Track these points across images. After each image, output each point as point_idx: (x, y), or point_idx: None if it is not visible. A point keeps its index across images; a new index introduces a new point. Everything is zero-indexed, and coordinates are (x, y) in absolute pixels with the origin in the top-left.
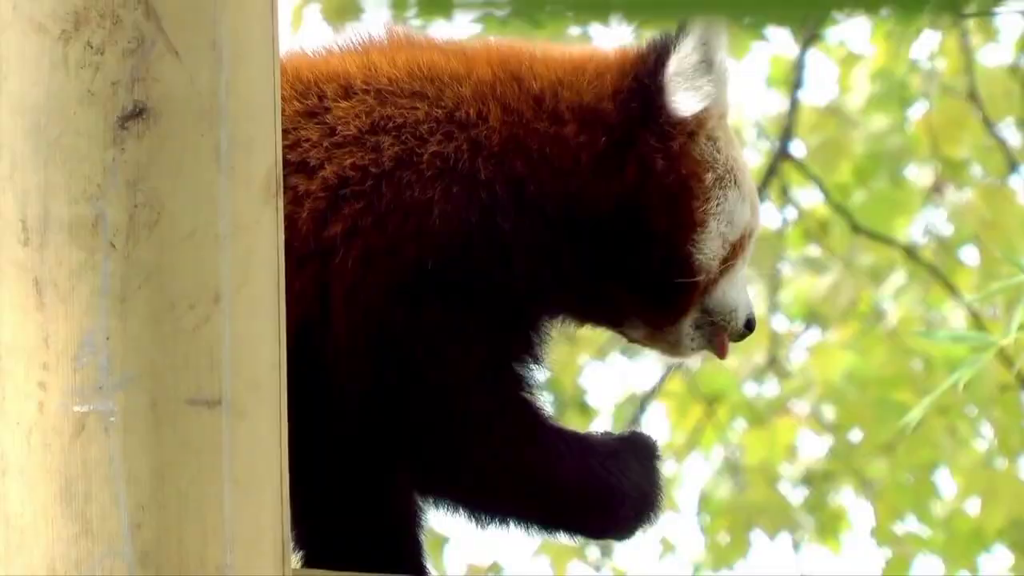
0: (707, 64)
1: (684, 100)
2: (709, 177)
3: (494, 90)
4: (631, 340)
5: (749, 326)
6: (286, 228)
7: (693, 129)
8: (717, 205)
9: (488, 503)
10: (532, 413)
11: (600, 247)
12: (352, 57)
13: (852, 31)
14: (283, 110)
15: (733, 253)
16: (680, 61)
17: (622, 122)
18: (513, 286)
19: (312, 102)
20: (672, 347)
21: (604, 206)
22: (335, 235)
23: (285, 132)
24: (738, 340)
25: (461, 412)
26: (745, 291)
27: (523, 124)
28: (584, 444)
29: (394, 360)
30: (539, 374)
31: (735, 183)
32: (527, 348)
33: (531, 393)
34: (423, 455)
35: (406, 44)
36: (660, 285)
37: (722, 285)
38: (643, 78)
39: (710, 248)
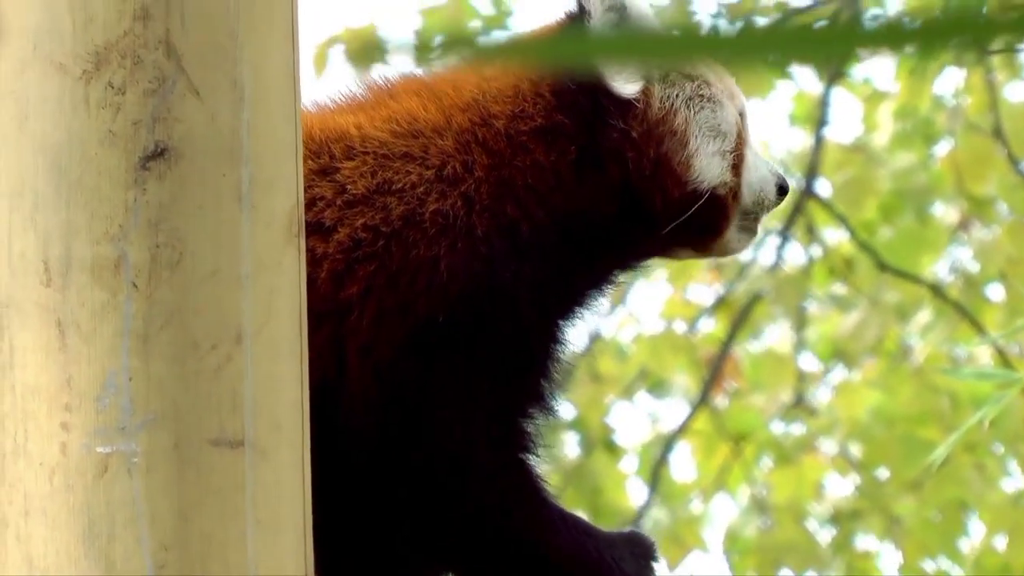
0: (622, 20)
1: (622, 84)
2: (679, 120)
3: (476, 136)
4: (684, 258)
5: (783, 192)
6: (307, 289)
7: (643, 98)
8: (697, 139)
9: (482, 565)
10: (533, 479)
11: (618, 241)
12: (347, 115)
13: (877, 68)
14: None
15: (736, 149)
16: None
17: (579, 125)
18: (523, 333)
19: (324, 161)
20: (727, 252)
21: (606, 208)
22: (351, 295)
23: None
24: (776, 204)
25: (463, 465)
26: (763, 165)
27: (506, 164)
28: (582, 525)
29: (403, 415)
30: (547, 428)
31: (704, 97)
32: (537, 400)
33: (536, 456)
34: (423, 510)
35: (385, 95)
36: (690, 226)
37: (744, 180)
38: (577, 75)
39: (713, 171)
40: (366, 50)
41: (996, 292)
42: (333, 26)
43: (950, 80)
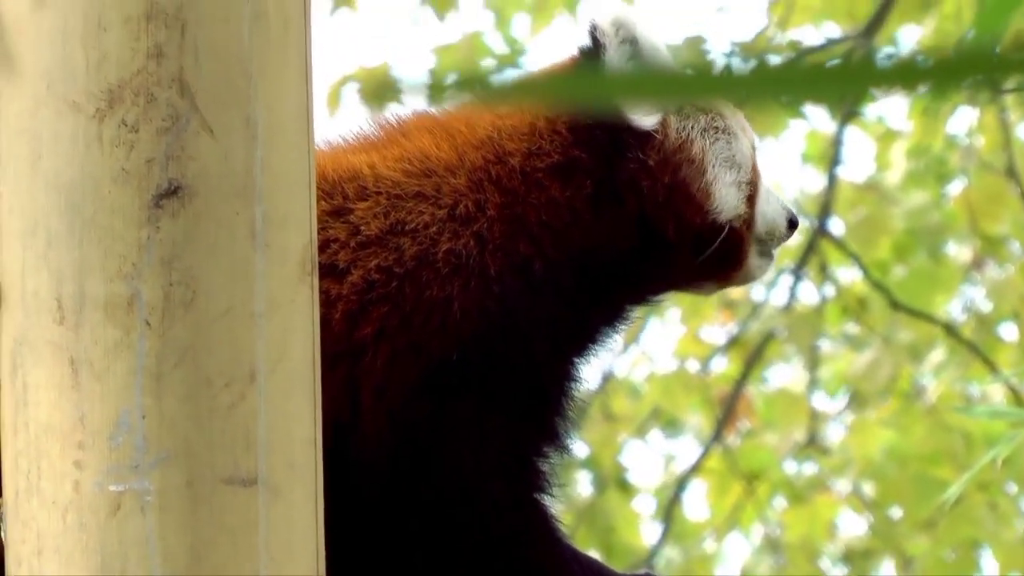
0: (636, 55)
1: (640, 116)
2: (695, 149)
3: (489, 175)
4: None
5: (793, 226)
6: (321, 329)
7: (660, 128)
8: (715, 168)
9: None
10: (546, 518)
11: (633, 274)
12: (359, 155)
13: (890, 107)
14: None
15: (751, 180)
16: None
17: (596, 160)
18: (537, 371)
19: (338, 202)
20: (749, 280)
21: (622, 241)
22: (365, 336)
23: None
24: (789, 239)
25: (477, 503)
26: (774, 200)
27: (520, 201)
28: (595, 565)
29: (417, 453)
30: (561, 466)
31: (719, 129)
32: (552, 438)
33: (550, 495)
34: (434, 542)
35: (397, 133)
36: (712, 259)
37: (758, 211)
38: (593, 112)
39: (731, 202)
40: (380, 89)
41: (1009, 331)
42: (347, 65)
43: (963, 119)
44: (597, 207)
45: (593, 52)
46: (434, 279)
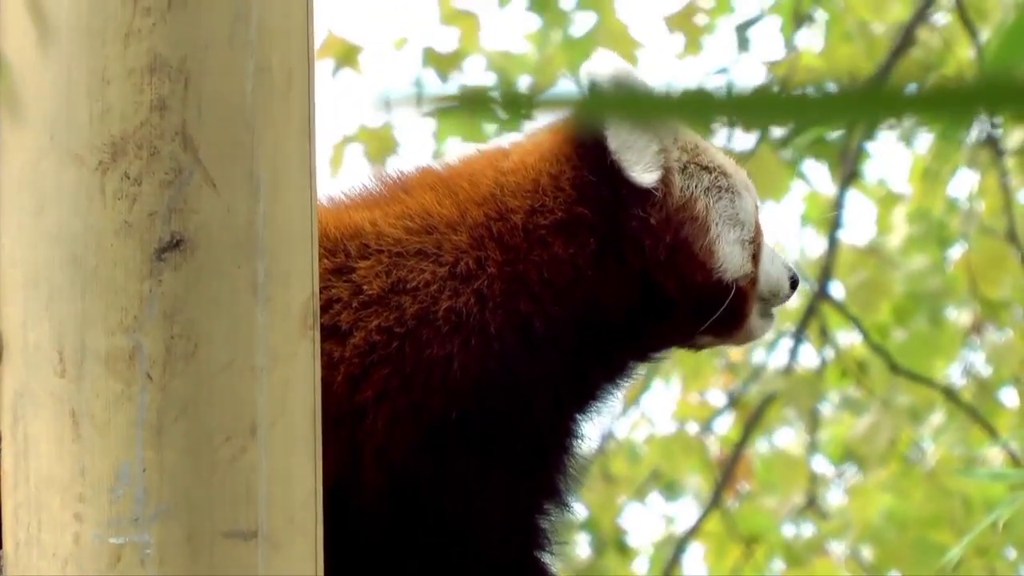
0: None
1: (641, 173)
2: (699, 207)
3: (491, 231)
4: (699, 348)
5: (794, 286)
6: (323, 391)
7: (662, 187)
8: (718, 227)
9: None
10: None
11: (635, 331)
12: (362, 211)
13: (891, 169)
14: None
15: (755, 239)
16: (616, 133)
17: (599, 217)
18: (537, 429)
19: (340, 260)
20: (749, 339)
21: (625, 299)
22: (366, 398)
23: None
24: (790, 298)
25: (477, 559)
26: (777, 259)
27: (522, 259)
28: None
29: (418, 510)
30: (562, 524)
31: (722, 188)
32: (552, 495)
33: (550, 553)
34: None
35: (398, 189)
36: (712, 316)
37: (761, 270)
38: (597, 168)
39: (735, 261)
40: (383, 145)
41: (1009, 396)
42: (349, 126)
43: (964, 183)
44: (600, 264)
45: (596, 127)
46: (434, 337)
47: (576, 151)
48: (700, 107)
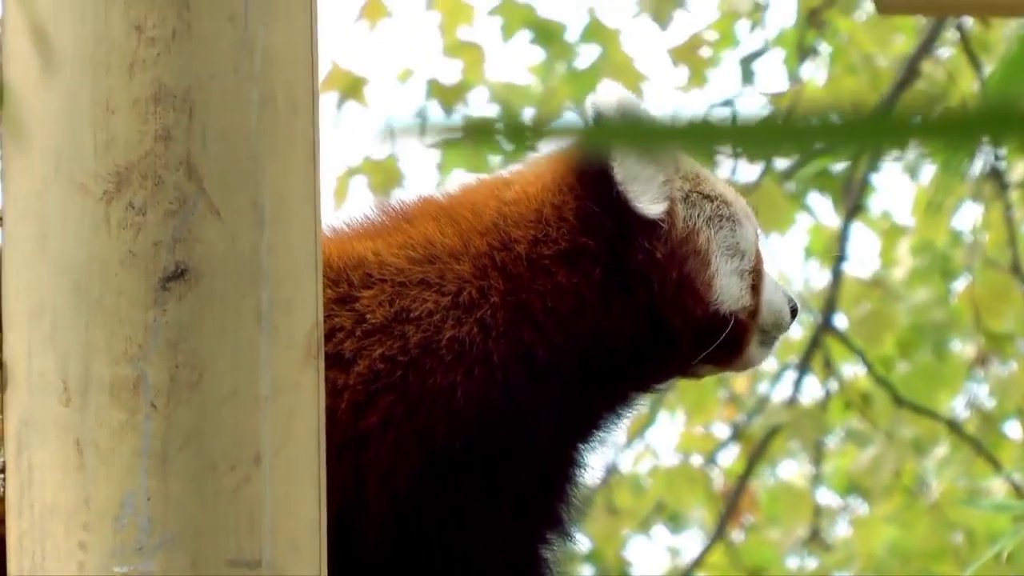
0: (644, 152)
1: (648, 199)
2: (701, 240)
3: (494, 261)
4: (705, 375)
5: (795, 315)
6: (326, 419)
7: (667, 218)
8: (718, 258)
9: None
10: None
11: (637, 362)
12: (364, 241)
13: (895, 202)
14: None
15: (755, 268)
16: (624, 164)
17: (603, 247)
18: (540, 458)
19: (343, 289)
20: (748, 367)
21: (628, 330)
22: (371, 425)
23: None
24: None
25: None
26: (778, 289)
27: (524, 288)
28: None
29: (422, 540)
30: (565, 555)
31: (724, 217)
32: (555, 524)
33: None
34: None
35: (401, 219)
36: (710, 347)
37: (762, 300)
38: (601, 198)
39: (733, 293)
40: (388, 177)
41: (1013, 429)
42: (354, 158)
43: (969, 215)
44: (604, 294)
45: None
46: (438, 366)
47: (579, 181)
48: (705, 136)
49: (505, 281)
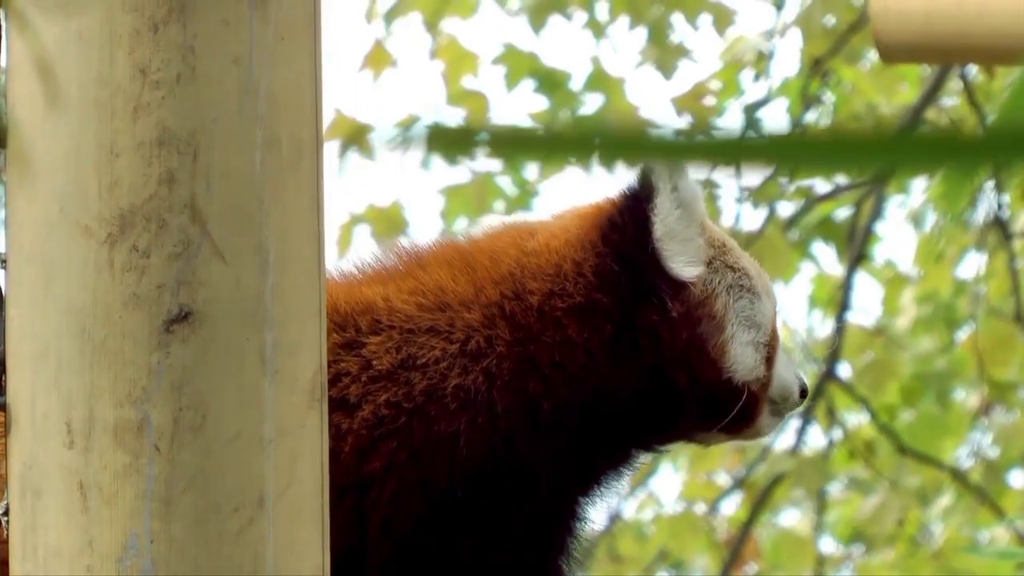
0: (687, 211)
1: (682, 261)
2: (718, 306)
3: (503, 310)
4: (712, 443)
5: (804, 395)
6: (330, 461)
7: (695, 282)
8: (733, 325)
9: None
10: None
11: (642, 421)
12: (374, 286)
13: (898, 251)
14: None
15: (770, 343)
16: (664, 222)
17: (617, 304)
18: (541, 510)
19: (350, 335)
20: (758, 436)
21: (634, 387)
22: (374, 470)
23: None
24: (800, 407)
25: None
26: (791, 366)
27: (532, 339)
28: None
29: None
30: None
31: (744, 288)
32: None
33: None
34: None
35: (415, 264)
36: (724, 418)
37: (775, 374)
38: (627, 255)
39: (746, 362)
40: (392, 224)
41: (1017, 478)
42: (358, 205)
43: (972, 265)
44: (613, 351)
45: (640, 194)
46: (442, 414)
47: (604, 237)
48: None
49: (512, 331)
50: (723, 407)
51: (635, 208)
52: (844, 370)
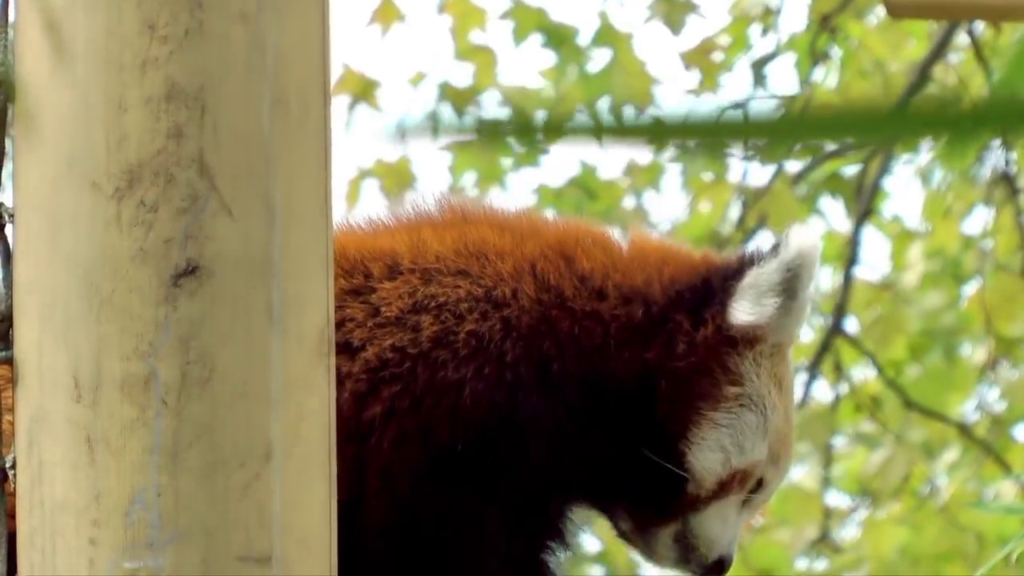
0: (788, 291)
1: (742, 308)
2: (731, 390)
3: (534, 267)
4: (619, 533)
5: (718, 567)
6: None
7: (739, 339)
8: (726, 418)
9: None
10: None
11: (613, 428)
12: (402, 234)
13: (906, 207)
14: None
15: (731, 482)
16: (759, 275)
17: (665, 304)
18: (534, 476)
19: (358, 281)
20: (648, 551)
21: (624, 383)
22: (373, 417)
23: None
24: (702, 573)
25: None
26: (732, 530)
27: (559, 304)
28: None
29: (423, 544)
30: (566, 555)
31: (762, 415)
32: (554, 535)
33: None
34: None
35: (460, 219)
36: (652, 482)
37: (711, 510)
38: (712, 278)
39: (706, 458)
40: (400, 180)
41: (1023, 432)
42: (366, 160)
43: (979, 220)
44: (629, 337)
45: (755, 261)
46: (451, 360)
47: (721, 260)
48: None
49: (538, 290)
50: (661, 473)
51: (750, 259)
52: (851, 325)
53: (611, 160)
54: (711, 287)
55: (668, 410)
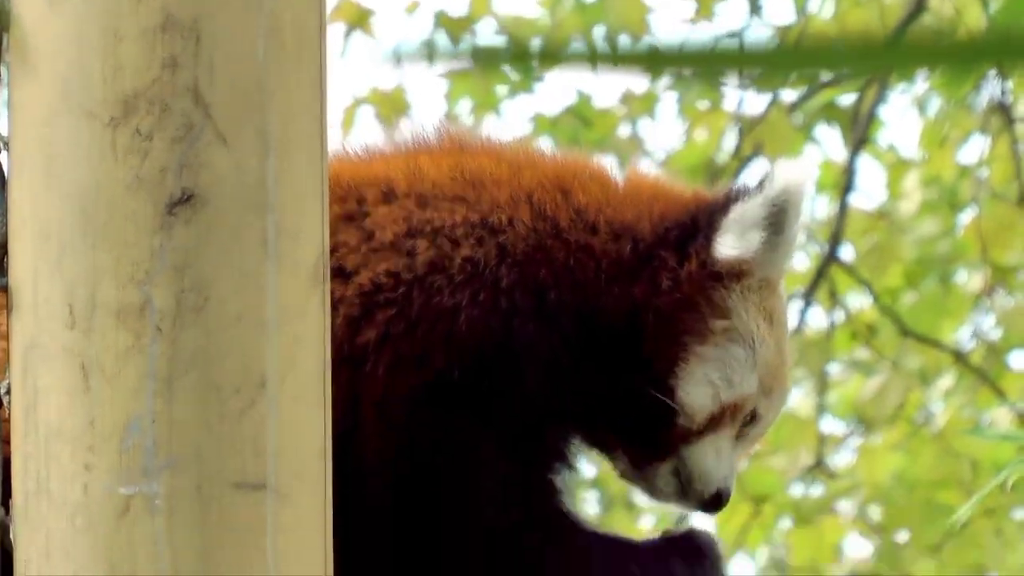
0: (774, 225)
1: (726, 243)
2: (718, 324)
3: (531, 196)
4: (620, 473)
5: (716, 501)
6: None
7: (725, 274)
8: (714, 352)
9: None
10: (562, 522)
11: (604, 363)
12: (399, 160)
13: (902, 135)
14: None
15: (722, 416)
16: (744, 210)
17: (653, 241)
18: (530, 404)
19: (351, 206)
20: (648, 488)
21: (613, 318)
22: (367, 342)
23: None
24: (701, 509)
25: (485, 526)
26: (727, 464)
27: (554, 234)
28: (625, 548)
29: (419, 471)
30: (571, 477)
31: (750, 348)
32: (555, 456)
33: (561, 500)
34: (446, 570)
35: (457, 148)
36: (644, 417)
37: (705, 444)
38: (699, 215)
39: (696, 392)
40: (396, 106)
41: (1018, 360)
42: (361, 88)
43: (975, 148)
44: (617, 272)
45: (742, 196)
46: (446, 285)
47: (709, 197)
48: (718, 61)
49: (534, 219)
50: (652, 407)
51: (736, 193)
52: (847, 252)
53: (607, 88)
54: (697, 223)
55: (656, 346)
